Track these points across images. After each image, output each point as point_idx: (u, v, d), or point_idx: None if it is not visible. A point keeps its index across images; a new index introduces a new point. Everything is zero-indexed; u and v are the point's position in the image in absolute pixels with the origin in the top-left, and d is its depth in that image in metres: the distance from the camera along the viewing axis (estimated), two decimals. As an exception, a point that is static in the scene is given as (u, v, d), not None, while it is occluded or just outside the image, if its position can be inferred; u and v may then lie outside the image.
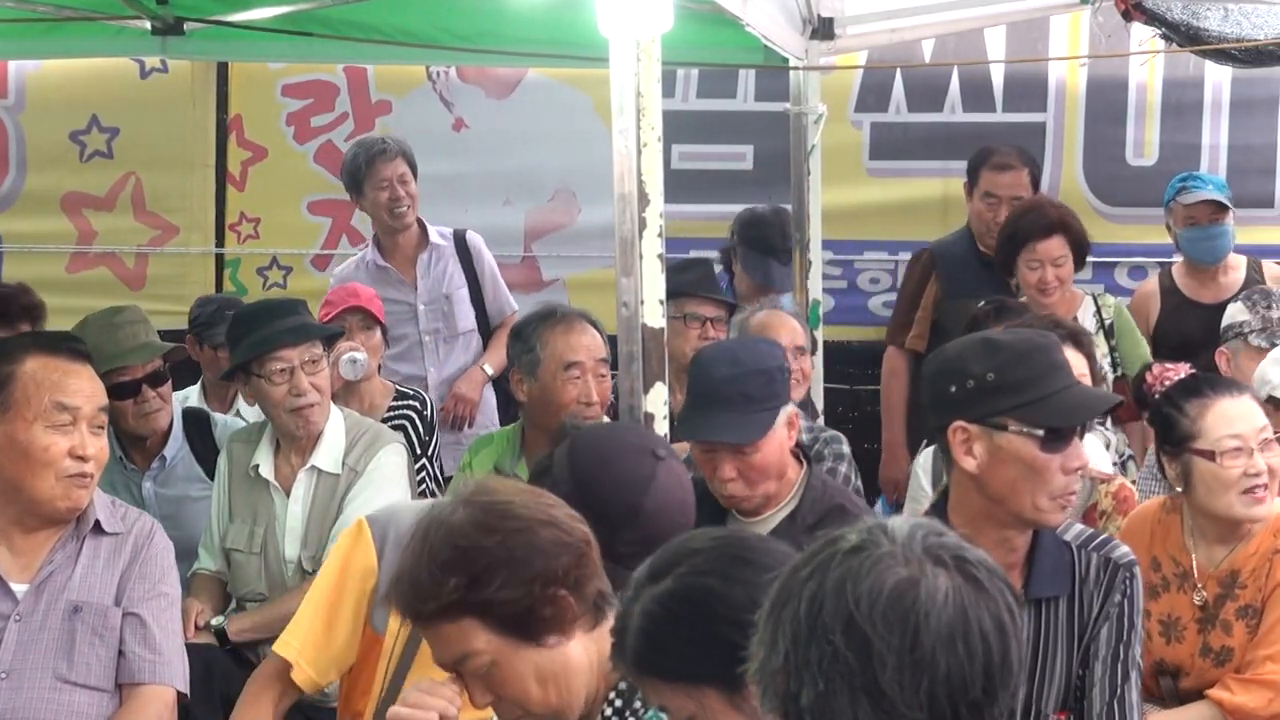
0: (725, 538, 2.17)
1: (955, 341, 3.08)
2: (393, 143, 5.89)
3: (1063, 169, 6.99)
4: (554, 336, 4.30)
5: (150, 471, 4.75)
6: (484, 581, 2.36)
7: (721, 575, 2.06)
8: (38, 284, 7.27)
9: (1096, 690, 2.94)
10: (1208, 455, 3.65)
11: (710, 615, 2.02)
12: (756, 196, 6.99)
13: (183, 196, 7.22)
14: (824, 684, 1.60)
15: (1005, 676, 1.64)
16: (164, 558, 3.42)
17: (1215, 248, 5.78)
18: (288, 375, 4.29)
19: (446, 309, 5.87)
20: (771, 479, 3.63)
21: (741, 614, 2.01)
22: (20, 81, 7.24)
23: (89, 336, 4.58)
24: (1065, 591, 2.93)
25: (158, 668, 3.31)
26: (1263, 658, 3.61)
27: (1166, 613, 3.76)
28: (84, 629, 3.28)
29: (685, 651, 2.03)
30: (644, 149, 3.30)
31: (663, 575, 2.07)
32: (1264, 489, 3.66)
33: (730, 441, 3.54)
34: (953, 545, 1.67)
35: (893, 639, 1.59)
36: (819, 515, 3.59)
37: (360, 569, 3.08)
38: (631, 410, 3.36)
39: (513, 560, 2.38)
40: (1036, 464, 2.83)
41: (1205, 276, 5.85)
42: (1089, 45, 6.91)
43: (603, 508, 2.74)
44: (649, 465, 2.97)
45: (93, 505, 3.36)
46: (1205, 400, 3.70)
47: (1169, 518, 3.81)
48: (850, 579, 1.62)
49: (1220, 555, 3.72)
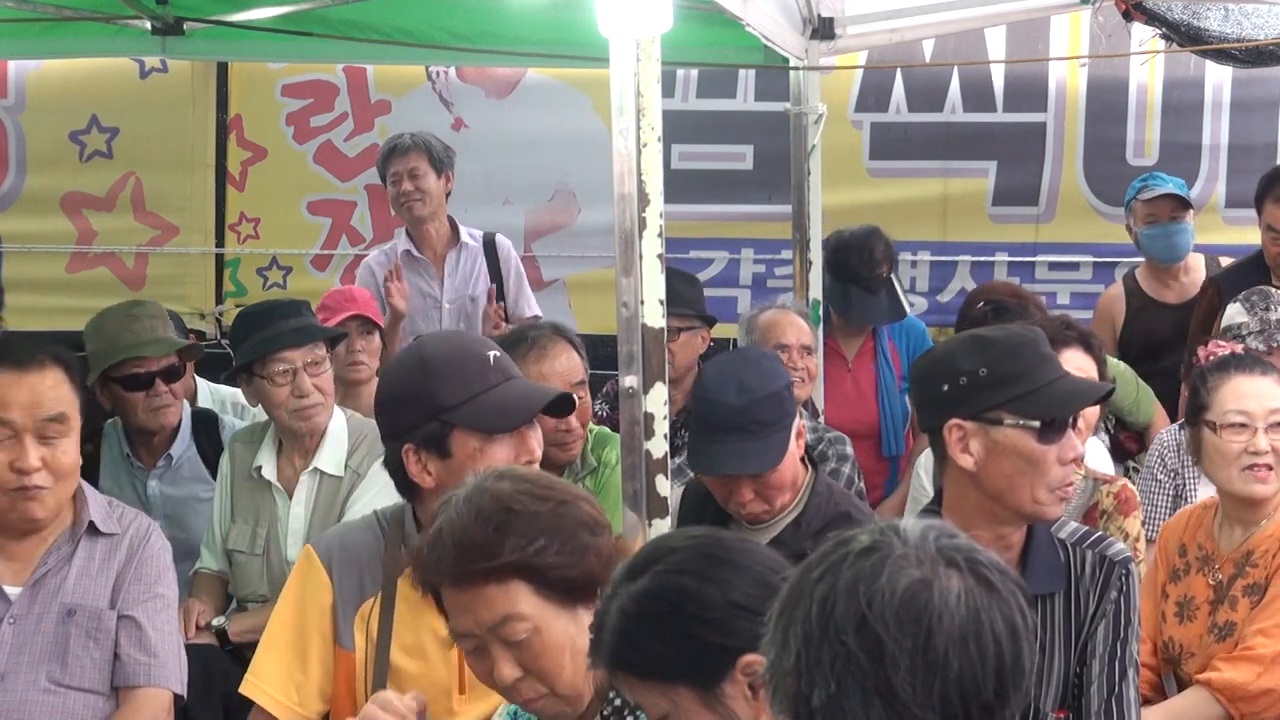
0: (702, 537, 2.17)
1: (943, 341, 3.09)
2: (414, 138, 5.91)
3: (1063, 169, 7.00)
4: (526, 365, 4.11)
5: (156, 470, 4.74)
6: (541, 545, 2.36)
7: (696, 574, 2.06)
8: (38, 284, 7.33)
9: (1094, 688, 2.94)
10: (1212, 427, 3.75)
11: (684, 614, 2.03)
12: (756, 196, 7.01)
13: (183, 196, 7.23)
14: (836, 685, 1.60)
15: (1017, 678, 1.64)
16: (160, 559, 3.40)
17: (1175, 245, 5.83)
18: (290, 376, 4.28)
19: (470, 310, 5.88)
20: (787, 490, 3.63)
21: (715, 613, 2.02)
22: (20, 81, 7.25)
23: (107, 327, 4.58)
24: (1060, 589, 2.93)
25: (153, 671, 3.29)
26: (1253, 632, 3.63)
27: (1184, 594, 3.80)
28: (78, 632, 3.26)
29: (659, 650, 2.03)
30: (644, 149, 3.29)
31: (640, 573, 2.07)
32: (1267, 469, 3.71)
33: (754, 473, 3.54)
34: (965, 547, 1.67)
35: (905, 640, 1.59)
36: (824, 521, 3.59)
37: (315, 587, 3.07)
38: (632, 410, 3.36)
39: (563, 529, 2.39)
40: (1034, 456, 2.84)
41: (1167, 276, 5.92)
42: (1089, 45, 6.91)
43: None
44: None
45: (87, 507, 3.33)
46: (1225, 375, 3.79)
47: (1205, 513, 3.89)
48: (863, 580, 1.62)
49: (1240, 538, 3.77)
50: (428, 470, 2.95)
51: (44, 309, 7.29)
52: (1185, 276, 5.92)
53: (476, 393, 2.94)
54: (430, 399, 2.93)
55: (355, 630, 3.04)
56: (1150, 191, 5.83)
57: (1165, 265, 5.90)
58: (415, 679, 3.03)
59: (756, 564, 2.09)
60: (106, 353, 4.51)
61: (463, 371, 2.96)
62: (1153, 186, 5.85)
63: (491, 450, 2.91)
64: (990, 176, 7.06)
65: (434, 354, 2.99)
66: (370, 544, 3.08)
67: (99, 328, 4.61)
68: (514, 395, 2.98)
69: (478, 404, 2.93)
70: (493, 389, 2.96)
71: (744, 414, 3.55)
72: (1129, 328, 5.90)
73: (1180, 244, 5.84)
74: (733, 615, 2.02)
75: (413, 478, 2.96)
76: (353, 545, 3.09)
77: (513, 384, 3.02)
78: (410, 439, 2.95)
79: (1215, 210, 6.99)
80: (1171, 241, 5.83)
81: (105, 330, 4.60)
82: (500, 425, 2.93)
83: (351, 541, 3.11)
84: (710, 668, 2.00)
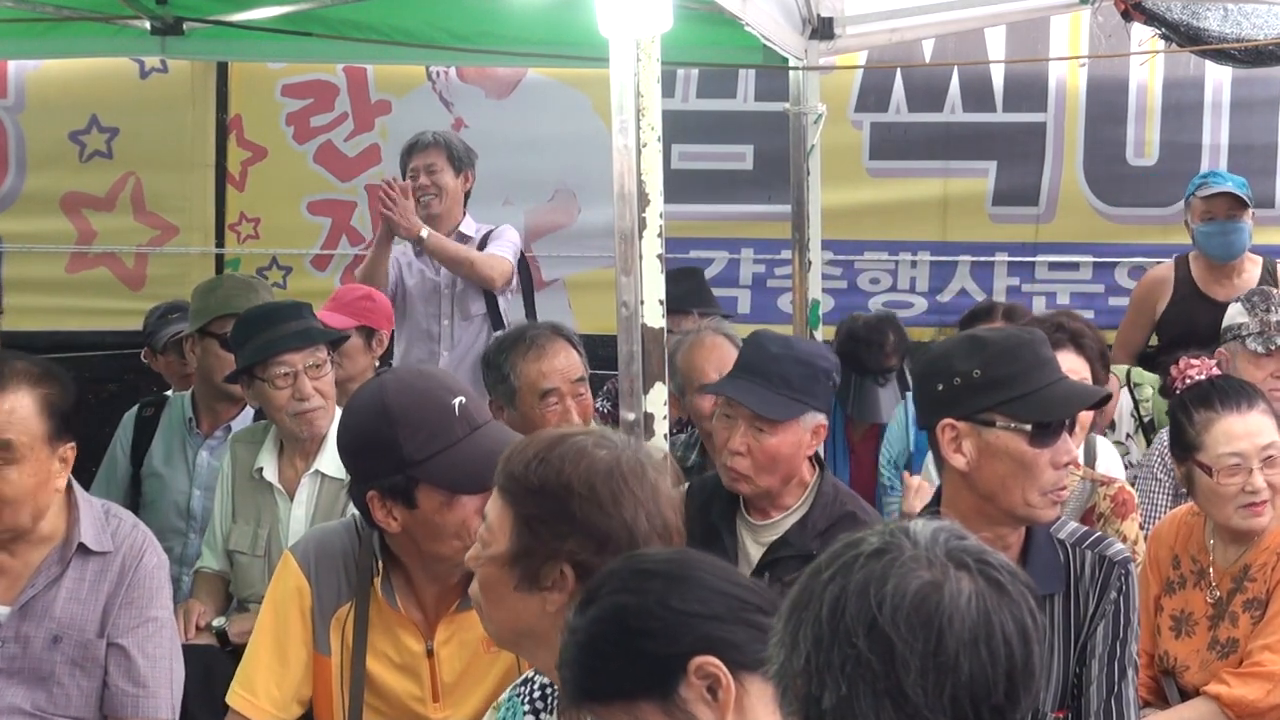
0: (632, 557, 2.18)
1: (942, 340, 3.09)
2: (436, 135, 5.95)
3: (1063, 169, 7.00)
4: (526, 365, 4.16)
5: (210, 441, 4.80)
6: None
7: (633, 590, 2.06)
8: (37, 284, 7.32)
9: (1094, 688, 2.95)
10: (1206, 470, 3.70)
11: (628, 630, 2.03)
12: (756, 196, 7.00)
13: (182, 196, 7.22)
14: (846, 687, 1.60)
15: (1027, 680, 1.64)
16: (154, 578, 3.33)
17: (1230, 243, 5.78)
18: (291, 379, 4.27)
19: (460, 289, 5.89)
20: (778, 475, 3.63)
21: (654, 622, 2.03)
22: (20, 81, 7.24)
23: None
24: (1060, 589, 2.93)
25: (141, 702, 3.25)
26: (1260, 648, 3.63)
27: (1180, 608, 3.79)
28: (64, 660, 3.22)
29: (613, 670, 2.04)
30: (644, 149, 3.29)
31: (590, 604, 2.09)
32: (1263, 504, 3.69)
33: (751, 409, 3.55)
34: (975, 549, 1.67)
35: (916, 643, 1.59)
36: (830, 521, 3.61)
37: (294, 590, 3.06)
38: (631, 410, 3.36)
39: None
40: (1026, 459, 2.84)
41: (1220, 273, 5.86)
42: (1089, 45, 6.91)
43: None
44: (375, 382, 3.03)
45: (78, 525, 3.26)
46: (1211, 414, 3.73)
47: (1194, 520, 3.87)
48: (873, 582, 1.62)
49: (1235, 554, 3.76)
50: (393, 516, 2.89)
51: (44, 309, 7.28)
52: (1239, 277, 5.84)
53: (442, 447, 2.85)
54: (395, 451, 2.85)
55: (331, 635, 3.04)
56: (1209, 189, 5.77)
57: (1220, 263, 5.85)
58: (389, 686, 3.03)
59: (697, 572, 2.10)
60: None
61: (427, 423, 2.86)
62: (1212, 184, 5.80)
63: (459, 505, 2.84)
64: (990, 176, 7.06)
65: (396, 402, 2.88)
66: (348, 548, 3.07)
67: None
68: (481, 451, 2.83)
69: (444, 460, 2.84)
70: (459, 442, 2.86)
71: (775, 363, 3.65)
72: (1170, 312, 5.85)
73: (1236, 243, 5.78)
74: (673, 621, 2.03)
75: (378, 522, 2.92)
76: (331, 548, 3.08)
77: (480, 435, 2.89)
78: (375, 486, 2.89)
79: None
80: (1228, 240, 5.77)
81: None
82: (467, 486, 2.83)
83: (330, 545, 3.09)
84: (662, 677, 2.00)
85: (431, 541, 2.90)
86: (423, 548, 2.93)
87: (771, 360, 3.65)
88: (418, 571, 2.99)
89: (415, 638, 3.02)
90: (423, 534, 2.90)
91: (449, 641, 3.02)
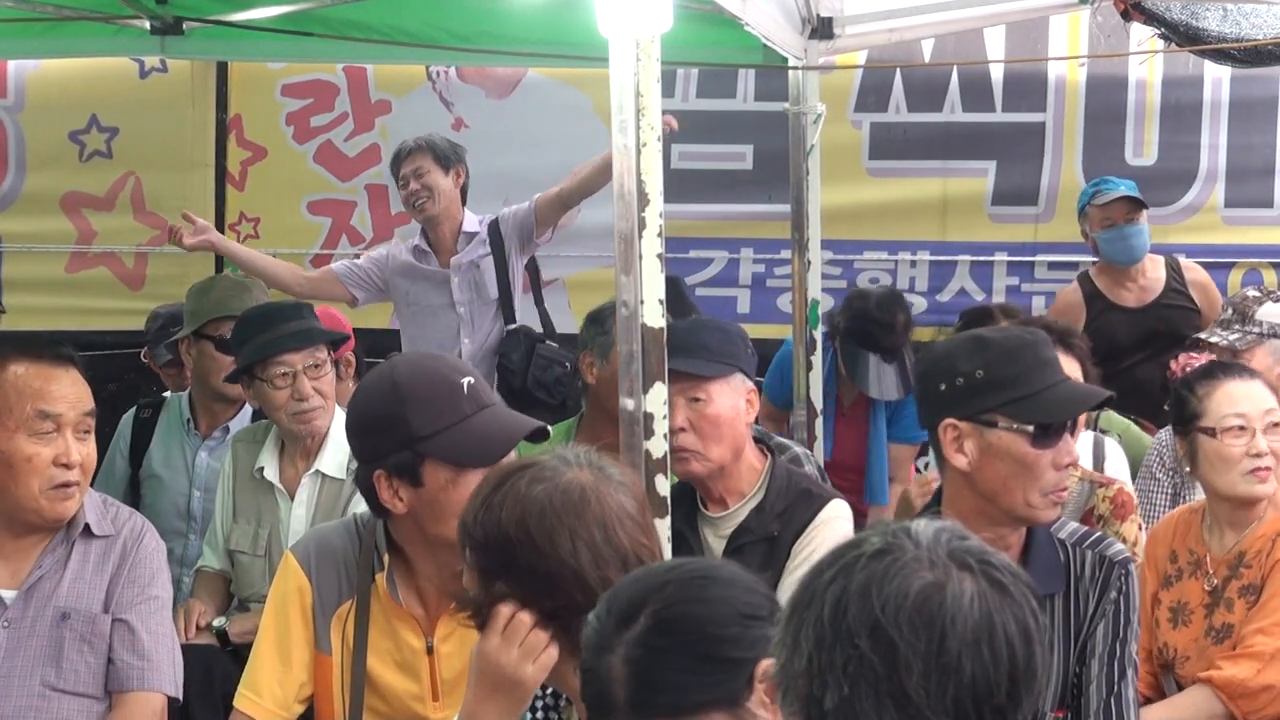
0: (677, 566, 2.13)
1: (945, 340, 3.09)
2: (416, 140, 5.90)
3: (1062, 169, 7.00)
4: None
5: (208, 442, 4.80)
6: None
7: (698, 599, 2.03)
8: (37, 284, 7.32)
9: (1094, 688, 2.95)
10: (1210, 433, 3.75)
11: (705, 638, 2.00)
12: (756, 196, 7.00)
13: (182, 196, 7.21)
14: (848, 688, 1.60)
15: (1030, 681, 1.64)
16: (153, 560, 3.37)
17: (1133, 246, 5.89)
18: (290, 380, 4.28)
19: (476, 277, 5.86)
20: (725, 444, 3.62)
21: (732, 628, 2.00)
22: (20, 81, 7.24)
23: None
24: (1060, 589, 2.94)
25: (145, 674, 3.27)
26: (1253, 631, 3.65)
27: (1177, 599, 3.82)
28: (72, 636, 3.24)
29: (685, 681, 1.98)
30: (643, 149, 3.29)
31: (633, 618, 2.02)
32: (1267, 470, 3.73)
33: (679, 370, 3.52)
34: (977, 549, 1.67)
35: (919, 644, 1.59)
36: (787, 502, 3.61)
37: (294, 590, 3.08)
38: (631, 410, 3.36)
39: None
40: (1027, 460, 2.84)
41: (1125, 279, 5.95)
42: (1088, 45, 6.92)
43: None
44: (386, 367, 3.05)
45: (82, 509, 3.31)
46: (1214, 381, 3.81)
47: (1192, 517, 3.91)
48: (875, 583, 1.62)
49: (1231, 541, 3.79)
50: (399, 496, 2.92)
51: (43, 309, 7.29)
52: (1144, 278, 5.97)
53: (450, 423, 2.88)
54: (403, 427, 2.88)
55: (332, 633, 3.05)
56: (1104, 196, 5.90)
57: (1124, 267, 5.93)
58: (389, 684, 3.05)
59: (736, 575, 2.09)
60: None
61: (435, 400, 2.90)
62: (1105, 190, 5.93)
63: (464, 482, 2.85)
64: (989, 176, 7.06)
65: (406, 380, 2.93)
66: (348, 547, 3.08)
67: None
68: (488, 428, 2.90)
69: (451, 435, 2.88)
70: (467, 419, 2.90)
71: (689, 335, 3.63)
72: (1089, 331, 5.87)
73: (1138, 245, 5.90)
74: (745, 626, 2.00)
75: (384, 503, 2.93)
76: (330, 547, 3.10)
77: (487, 414, 2.94)
78: (382, 465, 2.91)
79: (1214, 210, 6.99)
80: (1129, 244, 5.89)
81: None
82: (473, 460, 2.87)
83: (329, 544, 3.11)
84: (737, 684, 1.98)
85: (436, 523, 2.91)
86: (428, 531, 2.93)
87: (686, 334, 3.64)
88: (421, 562, 3.00)
89: (416, 634, 3.03)
90: (427, 515, 2.91)
91: (449, 638, 3.03)
